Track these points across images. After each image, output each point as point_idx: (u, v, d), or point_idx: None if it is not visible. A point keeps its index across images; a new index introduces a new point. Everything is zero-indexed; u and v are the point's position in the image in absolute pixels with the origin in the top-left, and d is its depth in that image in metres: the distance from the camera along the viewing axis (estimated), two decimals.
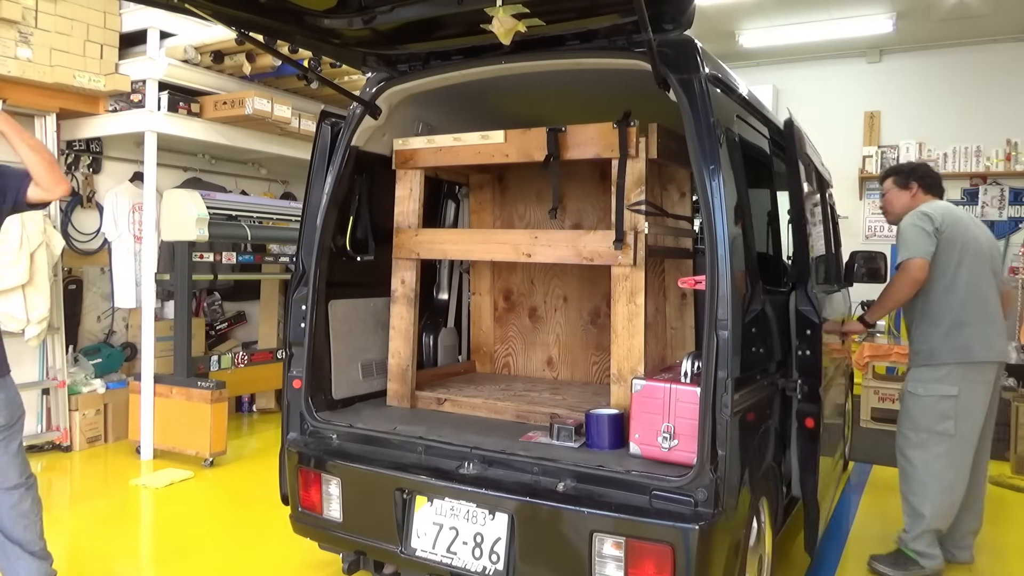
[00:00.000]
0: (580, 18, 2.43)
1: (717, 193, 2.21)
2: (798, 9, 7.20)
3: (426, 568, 2.48)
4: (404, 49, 2.80)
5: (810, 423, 2.72)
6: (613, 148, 2.62)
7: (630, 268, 2.60)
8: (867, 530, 3.98)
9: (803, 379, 2.70)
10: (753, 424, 2.38)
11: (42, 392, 5.14)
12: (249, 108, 5.11)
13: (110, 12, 5.03)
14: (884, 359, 6.20)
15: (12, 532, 2.68)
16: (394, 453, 2.61)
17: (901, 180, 3.49)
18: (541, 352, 3.67)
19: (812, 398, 2.71)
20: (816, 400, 2.71)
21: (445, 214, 3.79)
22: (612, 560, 2.15)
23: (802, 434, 2.75)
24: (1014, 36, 7.61)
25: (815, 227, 3.15)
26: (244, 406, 6.51)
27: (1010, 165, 7.61)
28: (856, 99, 8.23)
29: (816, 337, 2.70)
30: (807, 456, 2.77)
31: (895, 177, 3.53)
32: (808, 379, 2.70)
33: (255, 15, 2.46)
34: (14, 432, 2.67)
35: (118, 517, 4.07)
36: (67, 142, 5.44)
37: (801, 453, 2.77)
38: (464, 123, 3.23)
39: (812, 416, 2.72)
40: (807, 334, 2.71)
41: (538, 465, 2.34)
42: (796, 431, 2.76)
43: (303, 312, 2.87)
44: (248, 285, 6.42)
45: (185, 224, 4.92)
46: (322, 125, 2.98)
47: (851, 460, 5.13)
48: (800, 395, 2.71)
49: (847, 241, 5.17)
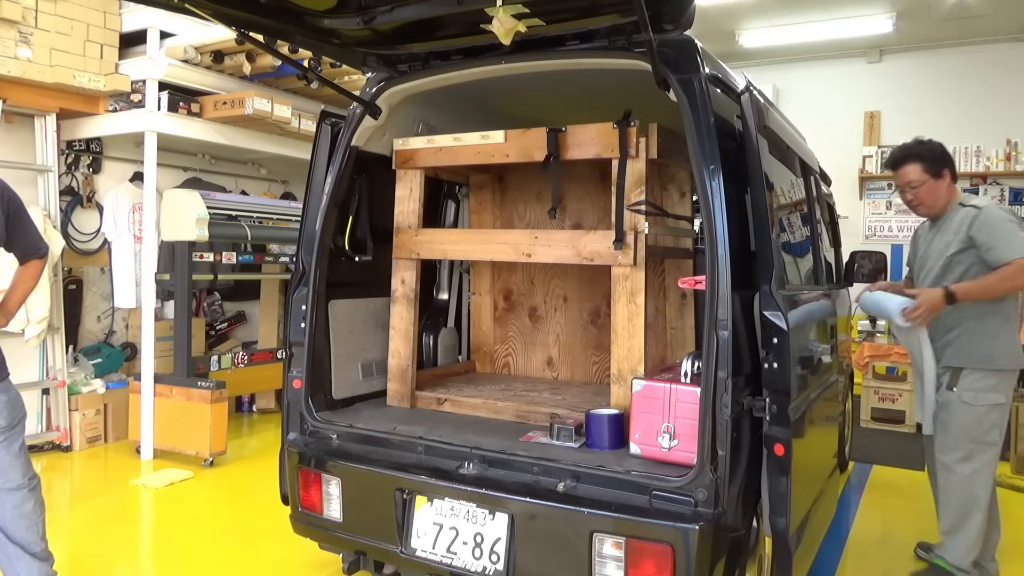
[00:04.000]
0: (580, 18, 2.43)
1: (717, 193, 2.21)
2: (798, 9, 7.20)
3: (426, 568, 2.48)
4: (404, 49, 2.80)
5: (779, 450, 2.23)
6: (613, 148, 2.62)
7: (630, 268, 2.60)
8: (867, 530, 3.98)
9: (771, 397, 2.21)
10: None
11: (42, 392, 5.14)
12: (249, 108, 5.11)
13: (110, 12, 5.03)
14: (884, 359, 6.21)
15: (14, 533, 2.68)
16: (394, 453, 2.61)
17: (933, 168, 3.12)
18: (541, 352, 3.67)
19: (781, 420, 2.21)
20: (785, 423, 2.22)
21: (445, 214, 3.79)
22: (612, 560, 2.15)
23: (772, 462, 2.24)
24: (1014, 36, 7.62)
25: (787, 215, 2.89)
26: (244, 406, 6.51)
27: (1010, 165, 7.61)
28: (856, 99, 8.24)
29: (784, 347, 2.22)
30: (777, 489, 2.26)
31: (924, 165, 3.12)
32: (777, 397, 2.21)
33: (255, 15, 2.46)
34: (16, 433, 2.67)
35: (118, 517, 4.07)
36: (67, 142, 5.44)
37: (771, 484, 2.26)
38: (464, 123, 3.23)
39: (781, 442, 2.23)
40: (773, 343, 2.23)
41: (538, 465, 2.34)
42: (765, 459, 2.26)
43: (303, 312, 2.87)
44: (248, 285, 6.42)
45: (185, 224, 4.92)
46: (322, 125, 2.98)
47: (851, 460, 5.12)
48: (768, 416, 2.21)
49: (847, 241, 5.17)
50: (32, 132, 5.14)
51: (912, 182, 3.14)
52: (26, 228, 2.80)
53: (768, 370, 2.23)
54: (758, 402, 2.23)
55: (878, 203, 8.31)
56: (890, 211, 8.23)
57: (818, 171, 3.99)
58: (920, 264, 3.32)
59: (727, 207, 2.22)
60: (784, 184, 2.88)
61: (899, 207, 7.95)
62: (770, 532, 2.33)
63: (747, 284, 2.28)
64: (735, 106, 2.46)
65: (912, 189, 3.15)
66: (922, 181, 3.12)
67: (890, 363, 6.27)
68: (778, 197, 2.68)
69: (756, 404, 2.23)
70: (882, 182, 8.23)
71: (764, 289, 2.28)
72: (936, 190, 3.13)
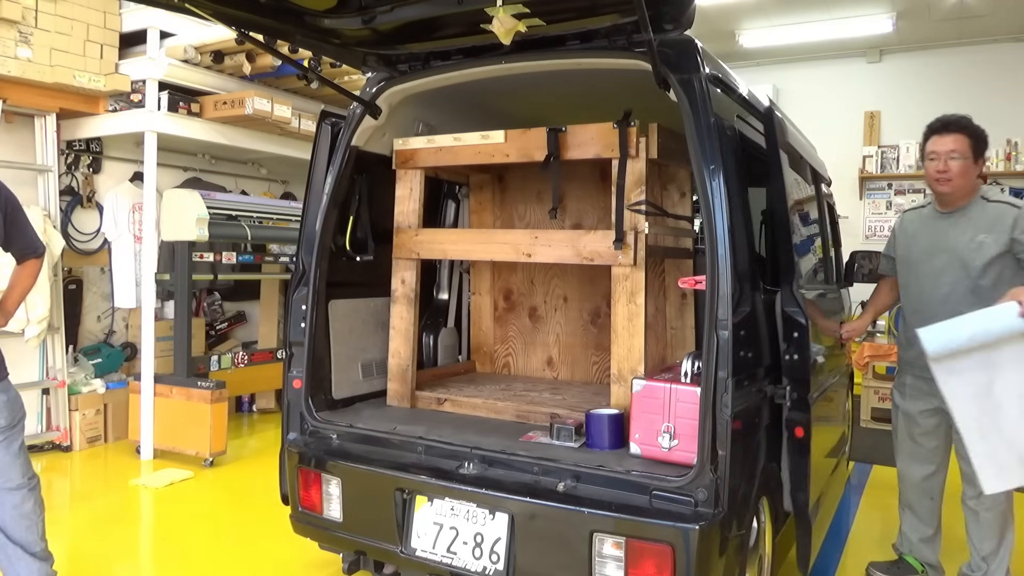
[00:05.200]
0: (580, 18, 2.43)
1: (717, 193, 2.21)
2: (798, 9, 7.20)
3: (426, 568, 2.48)
4: (404, 49, 2.80)
5: (799, 432, 2.53)
6: (613, 148, 2.62)
7: (630, 268, 2.60)
8: (867, 530, 3.98)
9: (791, 385, 2.50)
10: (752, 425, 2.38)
11: (42, 392, 5.14)
12: (249, 108, 5.11)
13: (110, 12, 5.03)
14: (884, 359, 6.20)
15: (14, 533, 2.68)
16: (394, 453, 2.61)
17: (978, 149, 2.85)
18: (541, 352, 3.67)
19: (801, 406, 2.51)
20: (805, 408, 2.51)
21: (445, 214, 3.79)
22: (612, 560, 2.15)
23: (792, 444, 2.57)
24: (1014, 36, 7.62)
25: (805, 221, 3.01)
26: (244, 406, 6.51)
27: (1010, 165, 7.61)
28: (856, 99, 8.24)
29: (804, 340, 2.51)
30: (797, 468, 2.59)
31: (972, 141, 2.84)
32: (797, 385, 2.50)
33: (255, 15, 2.46)
34: (15, 433, 2.67)
35: (118, 517, 4.07)
36: (67, 142, 5.43)
37: (791, 464, 2.59)
38: (464, 123, 3.23)
39: (801, 425, 2.52)
40: (794, 337, 2.52)
41: (538, 465, 2.35)
42: (786, 441, 2.58)
43: (303, 312, 2.87)
44: (248, 285, 6.41)
45: (185, 224, 4.92)
46: (322, 125, 2.98)
47: (851, 460, 5.12)
48: (789, 402, 2.51)
49: (847, 241, 5.17)
50: (32, 132, 5.14)
51: (954, 151, 2.82)
52: (24, 228, 2.80)
53: (789, 361, 2.51)
54: (779, 390, 2.51)
55: (878, 203, 8.30)
56: (890, 211, 8.23)
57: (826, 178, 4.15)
58: (920, 257, 3.00)
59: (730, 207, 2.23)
60: (801, 194, 3.09)
61: (899, 207, 7.95)
62: (791, 507, 2.64)
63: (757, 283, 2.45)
64: (735, 106, 2.47)
65: (952, 159, 2.82)
66: (964, 155, 2.83)
67: (890, 363, 6.25)
68: (797, 206, 2.89)
69: (778, 392, 2.51)
70: (882, 182, 8.23)
71: (786, 289, 2.55)
72: (970, 172, 2.85)
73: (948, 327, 2.49)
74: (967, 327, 2.45)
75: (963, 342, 2.43)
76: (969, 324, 2.46)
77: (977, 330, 2.43)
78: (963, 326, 2.46)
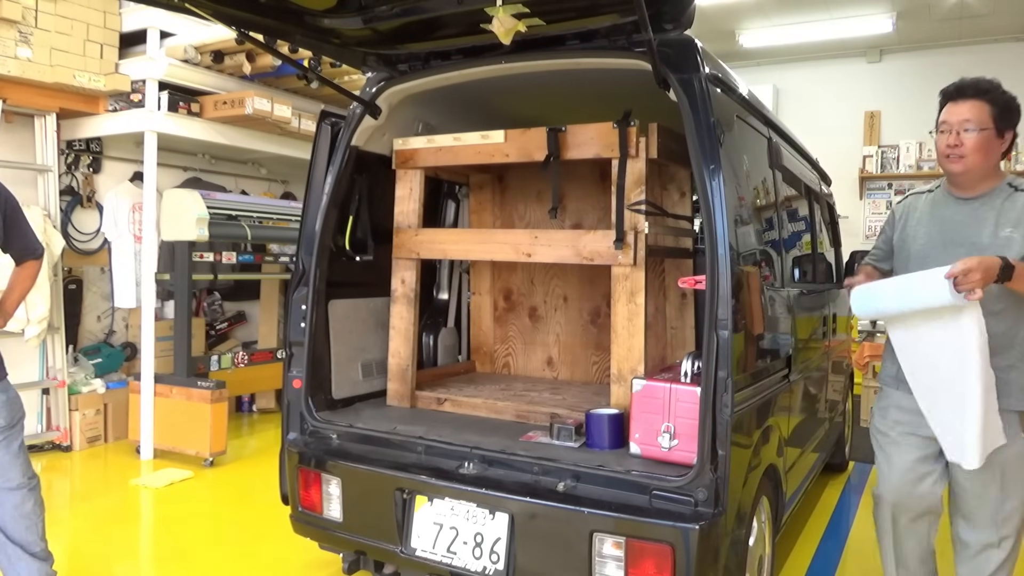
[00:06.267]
0: (580, 18, 2.43)
1: (717, 193, 2.21)
2: (798, 9, 7.20)
3: (426, 568, 2.48)
4: (404, 49, 2.80)
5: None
6: (613, 148, 2.62)
7: (630, 268, 2.60)
8: (867, 530, 3.97)
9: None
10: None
11: (42, 392, 5.14)
12: (249, 108, 5.11)
13: (110, 12, 5.03)
14: None
15: (14, 533, 2.68)
16: (394, 453, 2.61)
17: (1002, 121, 2.31)
18: (541, 352, 3.67)
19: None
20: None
21: (445, 214, 3.79)
22: (612, 560, 2.15)
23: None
24: (1014, 36, 7.61)
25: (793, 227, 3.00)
26: (244, 406, 6.51)
27: (1010, 165, 7.60)
28: (856, 99, 8.23)
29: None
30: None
31: (993, 110, 2.30)
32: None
33: (255, 15, 2.46)
34: (15, 433, 2.67)
35: (118, 517, 4.07)
36: (67, 142, 5.44)
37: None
38: (464, 123, 3.23)
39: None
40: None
41: (538, 465, 2.35)
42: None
43: (303, 312, 2.87)
44: (248, 285, 6.41)
45: (185, 224, 4.92)
46: (322, 125, 2.98)
47: (851, 460, 5.12)
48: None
49: (847, 241, 5.16)
50: (32, 132, 5.14)
51: (968, 121, 2.29)
52: (23, 229, 2.80)
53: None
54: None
55: (878, 203, 8.30)
56: (890, 211, 8.23)
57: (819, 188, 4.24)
58: (930, 250, 2.41)
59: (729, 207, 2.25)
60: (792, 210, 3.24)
61: None
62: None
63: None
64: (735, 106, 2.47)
65: (966, 131, 2.29)
66: (981, 127, 2.29)
67: None
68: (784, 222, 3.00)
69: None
70: (882, 182, 8.23)
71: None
72: (990, 149, 2.31)
73: (876, 289, 2.30)
74: (879, 293, 2.27)
75: (891, 309, 2.22)
76: (881, 290, 2.27)
77: (896, 296, 2.21)
78: (879, 291, 2.28)
